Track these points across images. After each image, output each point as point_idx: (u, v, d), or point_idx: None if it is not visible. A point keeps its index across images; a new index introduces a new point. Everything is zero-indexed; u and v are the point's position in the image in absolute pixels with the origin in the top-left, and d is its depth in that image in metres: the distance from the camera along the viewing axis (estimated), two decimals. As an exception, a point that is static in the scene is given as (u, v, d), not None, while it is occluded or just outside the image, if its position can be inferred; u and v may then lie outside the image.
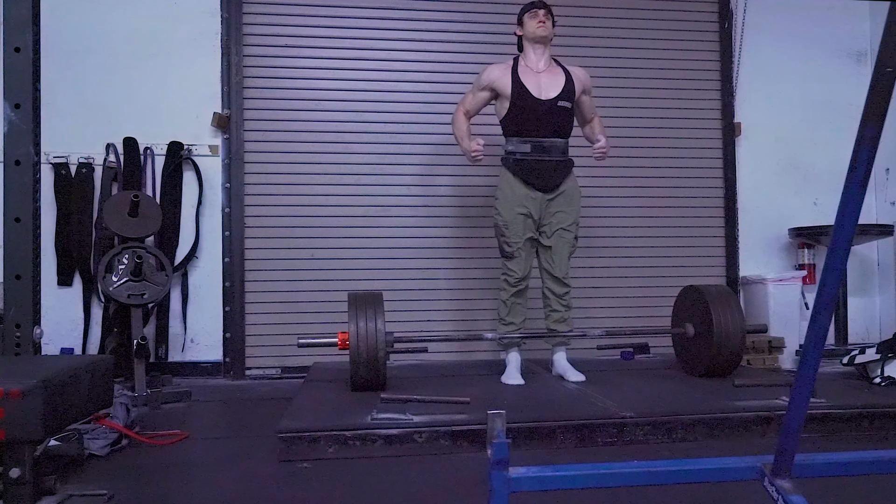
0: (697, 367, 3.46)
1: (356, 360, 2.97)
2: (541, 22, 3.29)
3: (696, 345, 3.46)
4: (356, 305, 3.07)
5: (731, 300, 3.40)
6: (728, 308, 3.34)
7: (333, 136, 4.29)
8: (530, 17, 3.33)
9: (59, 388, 1.79)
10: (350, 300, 3.12)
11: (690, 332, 3.48)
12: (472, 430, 2.43)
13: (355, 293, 3.19)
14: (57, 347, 3.94)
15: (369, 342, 2.95)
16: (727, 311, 3.32)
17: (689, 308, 3.54)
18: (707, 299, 3.37)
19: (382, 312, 3.05)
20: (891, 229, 4.53)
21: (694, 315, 3.49)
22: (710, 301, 3.35)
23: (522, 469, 1.33)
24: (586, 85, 3.46)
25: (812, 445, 2.35)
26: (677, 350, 3.73)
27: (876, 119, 1.06)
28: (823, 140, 4.74)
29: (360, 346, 2.96)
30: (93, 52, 4.11)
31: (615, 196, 4.48)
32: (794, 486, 1.31)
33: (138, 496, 2.00)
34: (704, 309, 3.38)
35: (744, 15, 4.69)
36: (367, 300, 3.10)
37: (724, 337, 3.27)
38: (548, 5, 3.37)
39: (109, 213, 3.48)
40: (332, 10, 4.33)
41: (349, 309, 3.06)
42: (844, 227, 1.13)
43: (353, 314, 3.02)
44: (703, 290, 3.45)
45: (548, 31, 3.32)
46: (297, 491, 2.05)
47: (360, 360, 2.97)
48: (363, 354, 2.96)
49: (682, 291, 3.66)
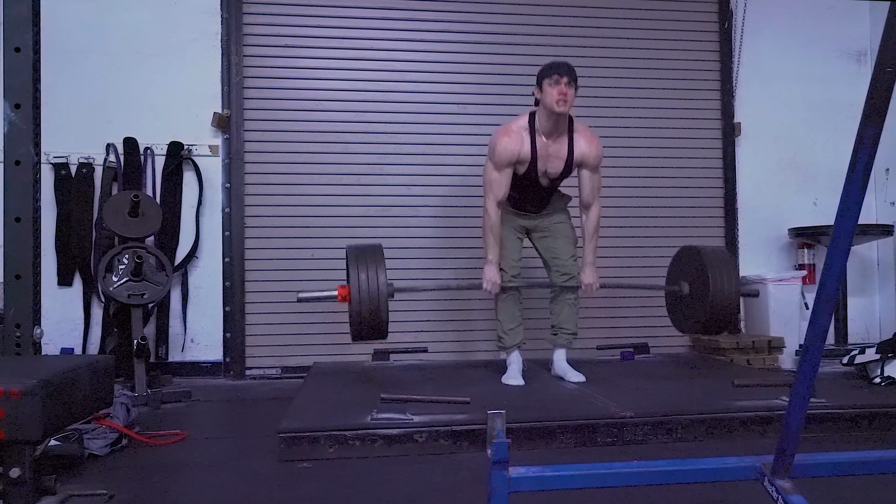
0: (691, 325, 3.46)
1: (359, 311, 2.93)
2: (562, 94, 2.99)
3: (691, 303, 3.46)
4: (356, 257, 3.00)
5: (727, 260, 3.38)
6: (724, 268, 3.32)
7: (333, 136, 4.29)
8: (551, 85, 3.01)
9: (59, 388, 1.79)
10: (349, 254, 3.05)
11: (685, 290, 3.47)
12: (472, 430, 2.43)
13: (354, 245, 3.11)
14: (57, 347, 3.94)
15: (371, 292, 2.90)
16: (723, 271, 3.30)
17: (686, 267, 3.53)
18: (703, 258, 3.35)
19: (383, 264, 2.99)
20: (891, 229, 4.53)
21: (690, 274, 3.47)
22: (706, 260, 3.33)
23: (522, 469, 1.33)
24: (590, 160, 3.19)
25: (812, 445, 2.35)
26: (670, 308, 3.72)
27: (876, 119, 1.06)
28: (823, 140, 4.75)
29: (363, 296, 2.90)
30: (93, 52, 4.11)
31: (615, 196, 4.47)
32: (794, 486, 1.31)
33: (138, 496, 2.00)
34: (700, 268, 3.36)
35: (744, 15, 4.69)
36: (367, 252, 3.03)
37: (719, 295, 3.26)
38: (573, 72, 3.04)
39: (109, 213, 3.48)
40: (332, 10, 4.33)
41: (349, 262, 3.00)
42: (844, 227, 1.13)
43: (354, 265, 2.96)
44: (701, 250, 3.44)
45: (568, 106, 3.03)
46: (297, 491, 2.05)
47: (362, 311, 2.92)
48: (365, 305, 2.91)
49: (679, 251, 3.65)
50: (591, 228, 3.32)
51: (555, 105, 3.01)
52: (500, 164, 3.14)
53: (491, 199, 3.17)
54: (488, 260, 3.19)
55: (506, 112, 4.36)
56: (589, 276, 3.29)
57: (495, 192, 3.16)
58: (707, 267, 3.31)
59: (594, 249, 3.33)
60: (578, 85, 3.09)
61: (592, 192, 3.28)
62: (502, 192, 3.17)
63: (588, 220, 3.32)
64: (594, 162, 3.22)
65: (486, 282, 3.18)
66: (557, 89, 3.00)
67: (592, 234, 3.32)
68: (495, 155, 3.15)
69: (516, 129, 3.15)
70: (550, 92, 3.01)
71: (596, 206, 3.31)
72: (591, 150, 3.19)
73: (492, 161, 3.18)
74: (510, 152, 3.12)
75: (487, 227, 3.18)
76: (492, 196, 3.16)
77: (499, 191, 3.16)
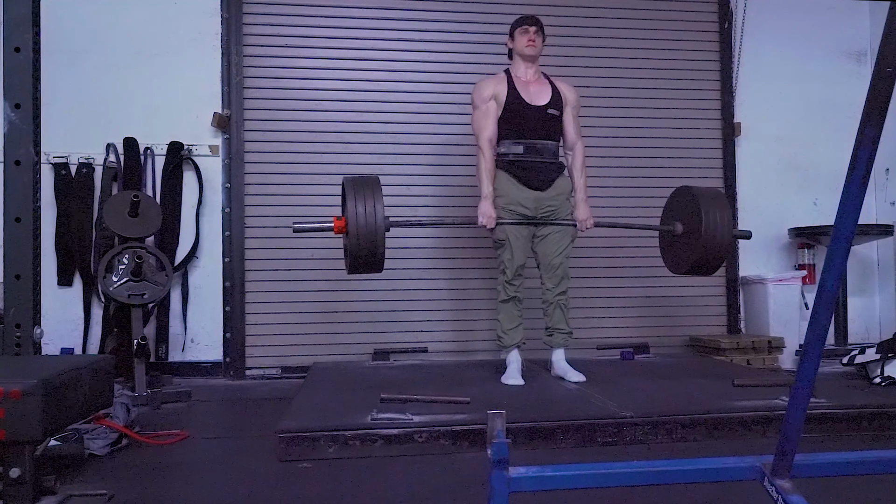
0: (682, 265, 3.44)
1: (356, 243, 2.89)
2: (531, 41, 3.31)
3: (683, 242, 3.44)
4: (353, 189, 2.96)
5: (721, 202, 3.37)
6: (718, 208, 3.30)
7: (333, 136, 4.29)
8: (521, 34, 3.33)
9: (59, 388, 1.79)
10: (346, 185, 3.01)
11: (679, 229, 3.44)
12: (472, 430, 2.43)
13: (351, 177, 3.07)
14: (57, 347, 3.94)
15: (368, 223, 2.87)
16: (716, 211, 3.29)
17: (680, 207, 3.49)
18: (698, 198, 3.33)
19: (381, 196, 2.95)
20: (891, 229, 4.53)
21: (684, 214, 3.45)
22: (700, 199, 3.31)
23: (522, 469, 1.33)
24: (570, 100, 3.41)
25: (812, 445, 2.35)
26: (663, 248, 3.68)
27: (876, 119, 1.06)
28: (823, 140, 4.74)
29: (360, 228, 2.86)
30: (93, 52, 4.11)
31: (615, 196, 4.48)
32: (793, 486, 1.31)
33: (138, 496, 2.00)
34: (694, 207, 3.33)
35: (744, 15, 4.69)
36: (365, 184, 2.99)
37: (712, 234, 3.25)
38: (539, 22, 3.36)
39: (109, 213, 3.48)
40: (332, 10, 4.33)
41: (346, 193, 2.97)
42: (844, 227, 1.13)
43: (352, 197, 2.92)
44: (695, 190, 3.42)
45: (537, 50, 3.33)
46: (297, 491, 2.05)
47: (360, 242, 2.88)
48: (363, 236, 2.87)
49: (675, 192, 3.61)
50: (579, 164, 3.42)
51: (524, 49, 3.31)
52: (481, 99, 3.31)
53: (483, 137, 3.28)
54: (483, 195, 3.26)
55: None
56: (583, 212, 3.36)
57: (484, 127, 3.29)
58: (700, 206, 3.28)
59: (585, 185, 3.41)
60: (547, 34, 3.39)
61: (576, 131, 3.44)
62: (490, 127, 3.28)
63: (575, 158, 3.43)
64: (574, 101, 3.44)
65: (481, 216, 3.24)
66: (527, 37, 3.31)
67: (581, 170, 3.42)
68: (475, 96, 3.33)
69: (492, 77, 3.39)
70: (521, 39, 3.33)
71: (580, 143, 3.45)
72: (571, 91, 3.44)
73: (474, 105, 3.35)
74: (488, 86, 3.32)
75: (481, 164, 3.27)
76: (483, 134, 3.29)
77: (487, 126, 3.28)
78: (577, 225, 3.35)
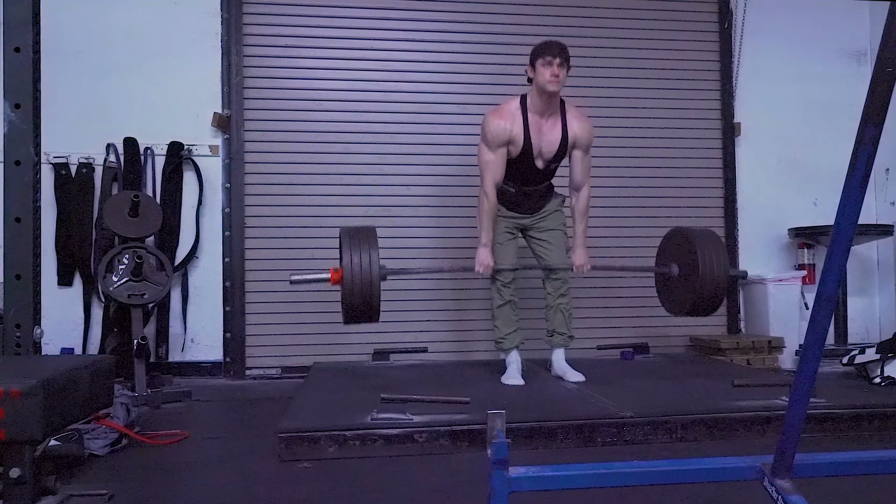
0: (681, 307, 3.44)
1: (351, 293, 2.89)
2: (554, 76, 3.04)
3: (680, 284, 3.45)
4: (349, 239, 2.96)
5: (716, 242, 3.37)
6: (713, 249, 3.30)
7: (333, 136, 4.29)
8: (543, 66, 3.06)
9: (59, 388, 1.79)
10: (342, 235, 3.01)
11: (675, 271, 3.46)
12: (472, 430, 2.43)
13: (347, 228, 3.07)
14: (57, 347, 3.94)
15: (364, 274, 2.86)
16: (712, 252, 3.29)
17: (675, 249, 3.50)
18: (693, 240, 3.33)
19: (377, 246, 2.95)
20: (891, 229, 4.53)
21: (679, 255, 3.46)
22: (696, 241, 3.31)
23: (522, 469, 1.33)
24: (582, 141, 3.23)
25: (812, 445, 2.35)
26: (660, 289, 3.68)
27: (876, 119, 1.06)
28: (823, 140, 4.74)
29: (355, 278, 2.86)
30: (93, 52, 4.11)
31: (615, 196, 4.48)
32: (793, 486, 1.31)
33: (138, 496, 2.00)
34: (690, 249, 3.34)
35: (744, 15, 4.69)
36: (361, 234, 3.00)
37: (709, 275, 3.24)
38: (565, 51, 3.09)
39: (109, 213, 3.48)
40: (332, 11, 4.33)
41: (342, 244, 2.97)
42: (844, 227, 1.13)
43: (348, 247, 2.92)
44: (689, 231, 3.43)
45: (560, 86, 3.08)
46: (297, 491, 2.05)
47: (354, 292, 2.88)
48: (357, 287, 2.87)
49: (668, 234, 3.61)
50: (581, 209, 3.33)
51: (547, 84, 3.06)
52: (494, 144, 3.14)
53: (488, 180, 3.15)
54: (482, 242, 3.19)
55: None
56: (580, 257, 3.31)
57: (492, 172, 3.15)
58: (696, 248, 3.29)
59: (584, 231, 3.34)
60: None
61: (584, 174, 3.29)
62: (499, 173, 3.17)
63: (579, 202, 3.34)
64: (586, 142, 3.25)
65: (478, 264, 3.19)
66: (550, 70, 3.04)
67: (583, 215, 3.33)
68: (488, 134, 3.15)
69: (507, 108, 3.17)
70: (543, 72, 3.06)
71: (587, 187, 3.33)
72: (584, 130, 3.23)
73: (485, 142, 3.17)
74: (503, 130, 3.13)
75: (483, 209, 3.18)
76: (489, 177, 3.15)
77: (495, 172, 3.15)
78: (573, 269, 3.31)
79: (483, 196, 3.18)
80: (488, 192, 3.15)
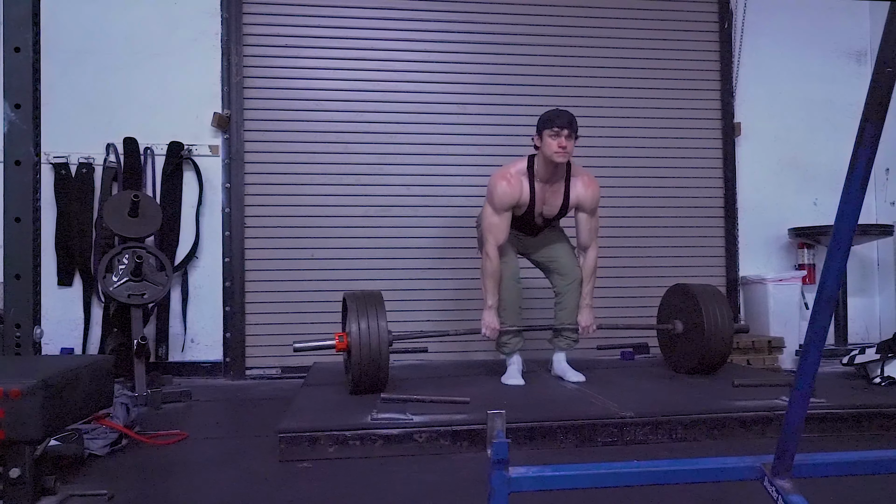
0: (686, 364, 3.48)
1: (359, 362, 2.89)
2: (562, 147, 2.99)
3: (685, 341, 3.48)
4: (355, 304, 2.97)
5: (719, 298, 3.43)
6: (717, 305, 3.35)
7: (333, 136, 4.29)
8: (551, 136, 3.01)
9: (59, 388, 1.79)
10: (348, 300, 3.02)
11: (679, 328, 3.49)
12: (472, 430, 2.43)
13: (353, 292, 3.09)
14: (57, 347, 3.94)
15: (371, 343, 2.87)
16: (717, 309, 3.34)
17: (678, 305, 3.55)
18: (697, 296, 3.38)
19: (384, 312, 2.97)
20: (891, 229, 4.53)
21: (682, 312, 3.49)
22: (700, 298, 3.37)
23: (522, 469, 1.33)
24: (587, 204, 3.20)
25: (812, 445, 2.35)
26: (663, 346, 3.74)
27: (876, 119, 1.06)
28: (823, 140, 4.74)
29: (363, 347, 2.86)
30: (93, 52, 4.11)
31: (615, 196, 4.47)
32: (794, 486, 1.31)
33: (138, 496, 2.00)
34: (694, 306, 3.38)
35: (744, 15, 4.69)
36: (367, 299, 3.01)
37: (715, 334, 3.29)
38: (573, 122, 3.03)
39: (109, 213, 3.48)
40: (332, 11, 4.33)
41: (348, 309, 2.98)
42: (844, 227, 1.13)
43: (354, 313, 2.92)
44: (692, 288, 3.47)
45: (567, 157, 3.04)
46: (297, 491, 2.05)
47: (362, 361, 2.88)
48: (365, 356, 2.87)
49: (670, 289, 3.70)
50: (588, 271, 3.29)
51: (554, 156, 3.02)
52: (500, 208, 3.13)
53: (491, 242, 3.14)
54: (487, 305, 3.17)
55: (506, 112, 4.39)
56: (586, 318, 3.28)
57: (496, 235, 3.14)
58: (700, 304, 3.34)
59: (591, 291, 3.31)
60: (579, 135, 3.08)
61: (590, 235, 3.27)
62: (503, 235, 3.16)
63: (585, 263, 3.30)
64: (591, 205, 3.22)
65: (485, 328, 3.18)
66: (557, 142, 3.00)
67: (589, 277, 3.30)
68: (495, 199, 3.13)
69: (515, 173, 3.14)
70: (550, 143, 3.01)
71: (593, 248, 3.30)
72: (588, 193, 3.20)
73: (491, 205, 3.16)
74: (510, 196, 3.12)
75: (487, 271, 3.15)
76: (492, 239, 3.13)
77: (499, 234, 3.14)
78: (578, 330, 3.30)
79: (486, 258, 3.16)
80: (491, 254, 3.14)
